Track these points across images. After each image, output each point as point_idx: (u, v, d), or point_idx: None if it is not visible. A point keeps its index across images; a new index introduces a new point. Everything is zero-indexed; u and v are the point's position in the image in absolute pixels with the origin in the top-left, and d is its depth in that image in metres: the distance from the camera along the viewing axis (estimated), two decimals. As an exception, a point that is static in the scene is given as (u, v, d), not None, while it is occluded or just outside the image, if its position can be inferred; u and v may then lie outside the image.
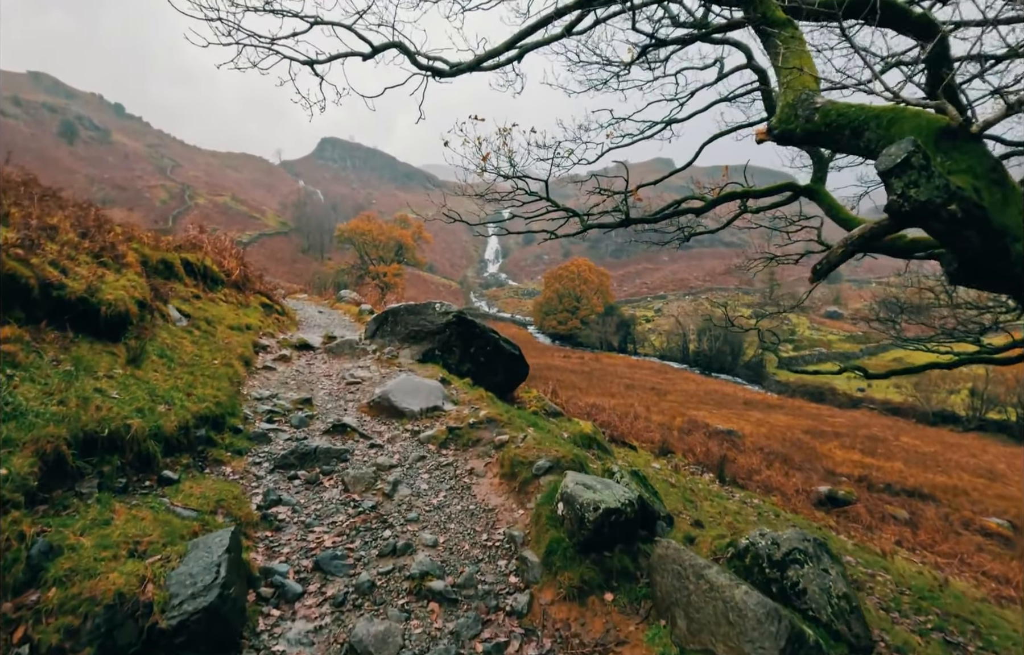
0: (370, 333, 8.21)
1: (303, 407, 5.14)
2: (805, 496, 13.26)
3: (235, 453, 3.85)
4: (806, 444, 25.89)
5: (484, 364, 7.80)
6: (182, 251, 7.80)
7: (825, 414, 39.10)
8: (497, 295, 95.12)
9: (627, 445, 8.62)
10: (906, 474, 21.27)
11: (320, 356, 7.50)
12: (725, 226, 7.54)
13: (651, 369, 52.91)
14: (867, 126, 1.89)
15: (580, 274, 66.26)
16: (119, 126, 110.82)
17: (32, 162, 70.08)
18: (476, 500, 3.54)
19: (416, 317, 7.85)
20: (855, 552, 5.73)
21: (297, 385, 5.93)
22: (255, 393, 5.24)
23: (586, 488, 2.66)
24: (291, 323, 9.68)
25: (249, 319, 7.75)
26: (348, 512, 3.33)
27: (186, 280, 7.42)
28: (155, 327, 5.15)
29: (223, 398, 4.27)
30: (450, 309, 7.78)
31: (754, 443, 23.84)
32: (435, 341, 7.67)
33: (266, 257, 79.22)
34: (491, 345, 7.82)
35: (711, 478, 8.58)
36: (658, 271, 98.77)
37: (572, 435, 5.85)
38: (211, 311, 6.85)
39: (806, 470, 20.02)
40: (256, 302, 8.94)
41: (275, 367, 6.51)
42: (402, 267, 60.81)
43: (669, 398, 35.56)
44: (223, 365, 5.16)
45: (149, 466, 3.00)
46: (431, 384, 5.44)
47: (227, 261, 8.82)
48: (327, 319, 11.61)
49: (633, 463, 7.09)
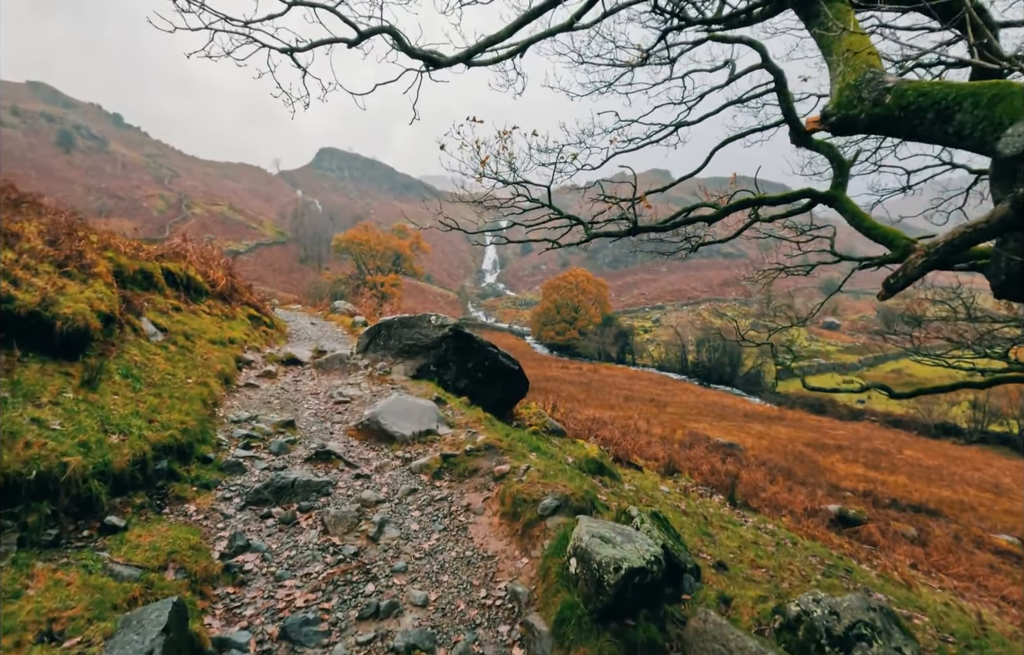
0: (362, 347, 7.78)
1: (285, 430, 4.70)
2: (815, 516, 12.82)
3: (202, 487, 3.41)
4: (808, 457, 25.49)
5: (482, 381, 7.37)
6: (164, 260, 7.39)
7: (826, 426, 38.76)
8: (495, 305, 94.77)
9: (632, 465, 8.18)
10: (911, 489, 20.88)
11: (308, 372, 7.06)
12: (735, 236, 7.16)
13: (650, 380, 52.55)
14: (958, 107, 1.52)
15: (578, 284, 66.04)
16: (117, 135, 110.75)
17: (29, 171, 69.70)
18: (473, 544, 3.10)
19: (410, 331, 7.43)
20: (884, 587, 5.29)
21: (280, 405, 5.49)
22: (233, 415, 4.80)
23: (603, 542, 2.23)
24: (280, 336, 9.25)
25: (234, 332, 7.32)
26: (326, 560, 2.89)
27: (167, 291, 7.00)
28: (124, 343, 4.72)
29: (192, 423, 3.83)
30: (446, 322, 7.37)
31: (756, 456, 23.42)
32: (430, 356, 7.25)
33: (263, 267, 78.74)
34: (489, 360, 7.40)
35: (721, 500, 8.13)
36: (656, 281, 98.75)
37: (578, 460, 5.41)
38: (191, 324, 6.42)
39: (810, 485, 19.59)
40: (243, 314, 8.51)
41: (258, 384, 6.07)
42: (399, 277, 60.46)
43: (669, 410, 35.18)
44: (197, 384, 4.72)
45: (91, 511, 2.56)
46: (425, 405, 5.01)
47: (213, 271, 8.40)
48: (319, 331, 11.18)
49: (641, 486, 6.65)
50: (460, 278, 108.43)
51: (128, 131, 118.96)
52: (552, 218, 6.21)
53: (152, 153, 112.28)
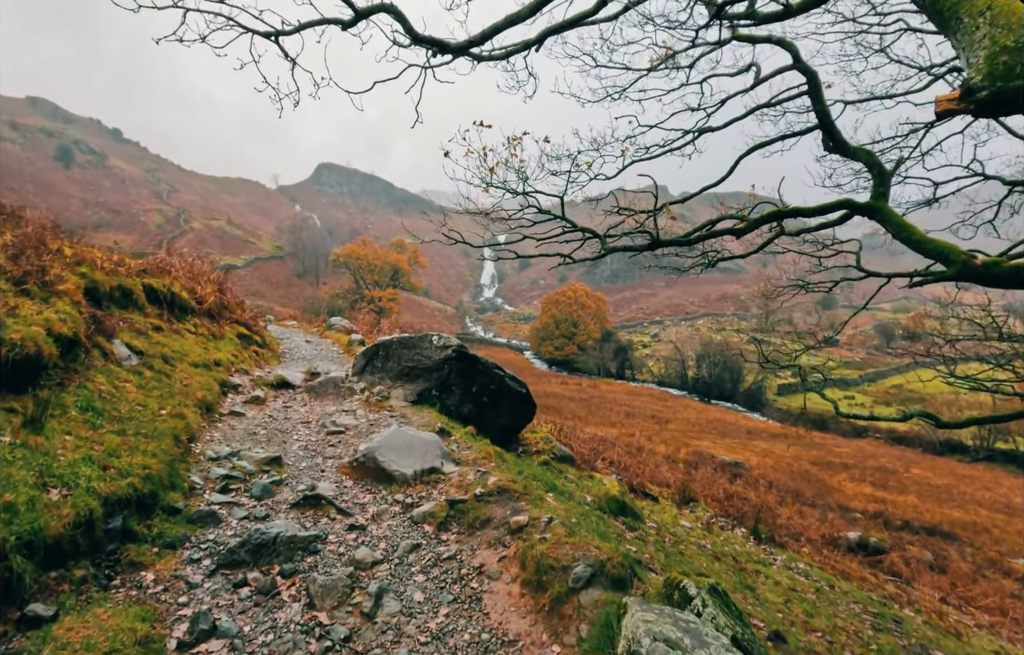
0: (358, 369, 7.25)
1: (270, 468, 4.15)
2: (834, 545, 12.24)
3: (165, 547, 2.86)
4: (815, 476, 24.92)
5: (488, 405, 6.84)
6: (146, 276, 6.88)
7: (830, 443, 38.25)
8: (493, 320, 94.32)
9: (647, 495, 7.63)
10: (922, 509, 20.32)
11: (300, 397, 6.52)
12: (757, 250, 6.69)
13: (650, 396, 52.02)
14: None
15: (577, 299, 65.72)
16: (116, 150, 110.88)
17: (27, 186, 69.55)
18: (490, 622, 2.56)
19: (410, 352, 6.92)
20: (938, 642, 4.74)
21: (267, 436, 4.94)
22: (212, 450, 4.25)
23: (670, 648, 1.72)
24: (272, 356, 8.71)
25: (220, 353, 6.78)
26: (311, 648, 2.34)
27: (148, 309, 6.48)
28: (89, 370, 4.19)
29: (159, 467, 3.29)
30: (449, 342, 6.85)
31: (762, 475, 22.84)
32: (432, 379, 6.72)
33: (261, 281, 78.23)
34: (495, 383, 6.88)
35: (744, 534, 7.57)
36: (654, 296, 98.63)
37: (597, 498, 4.87)
38: (173, 345, 5.89)
39: (820, 507, 19.00)
40: (232, 333, 7.98)
41: (244, 412, 5.52)
42: (397, 292, 60.03)
43: (671, 427, 34.63)
44: (172, 416, 4.18)
45: (10, 597, 2.02)
46: (427, 438, 4.47)
47: (201, 287, 7.89)
48: (314, 349, 10.65)
49: (661, 522, 6.10)
50: (458, 293, 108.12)
51: (127, 146, 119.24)
52: (565, 231, 5.75)
53: (151, 168, 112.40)
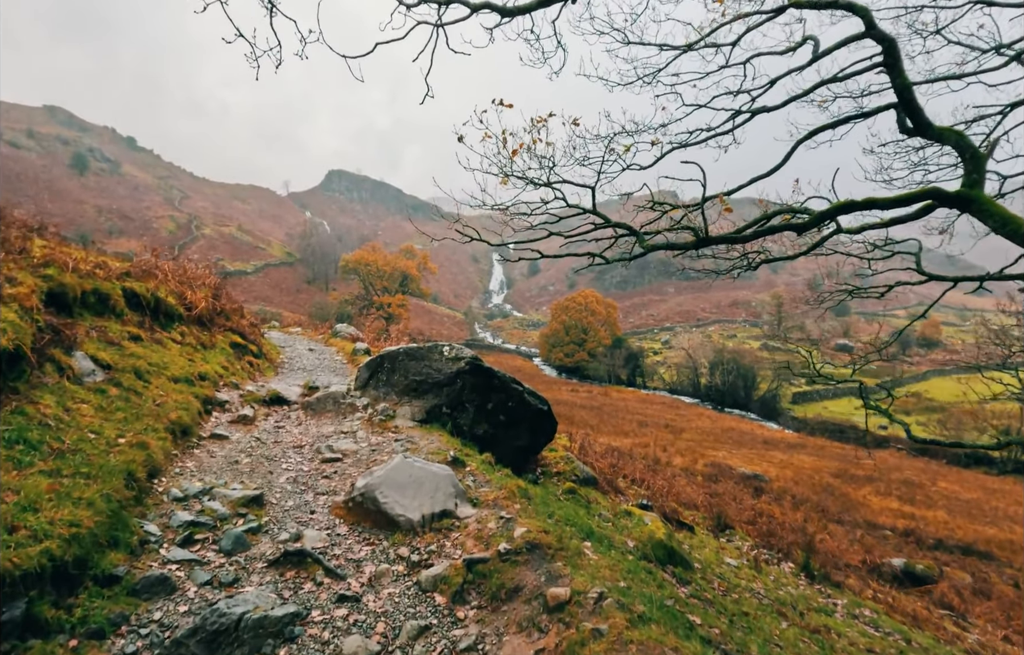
0: (361, 383, 6.53)
1: (248, 510, 3.42)
2: (878, 573, 11.27)
3: (89, 637, 2.13)
4: (838, 490, 23.84)
5: (505, 424, 6.08)
6: (128, 280, 6.23)
7: (851, 454, 37.01)
8: (502, 326, 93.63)
9: (682, 524, 6.79)
10: (953, 526, 19.20)
11: (295, 415, 5.80)
12: (807, 252, 5.85)
13: (662, 404, 50.96)
14: None
15: (587, 305, 64.82)
16: (130, 158, 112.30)
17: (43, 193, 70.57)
18: None
19: (418, 364, 6.17)
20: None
21: (251, 466, 4.21)
22: (179, 488, 3.52)
23: None
24: (269, 367, 8.03)
25: (207, 366, 6.09)
26: None
27: (128, 316, 5.81)
28: (35, 390, 3.49)
29: (94, 520, 2.56)
30: (462, 354, 6.10)
31: (782, 488, 21.83)
32: (442, 395, 5.97)
33: (271, 287, 78.36)
34: (514, 400, 6.11)
35: (792, 570, 6.70)
36: (664, 302, 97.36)
37: (640, 543, 4.08)
38: (151, 357, 5.21)
39: (847, 524, 17.96)
40: (224, 342, 7.31)
41: (228, 435, 4.81)
42: (406, 298, 59.62)
43: (685, 436, 33.67)
44: (132, 446, 3.47)
45: None
46: (438, 472, 3.71)
47: (192, 292, 7.23)
48: (316, 359, 9.96)
49: (707, 562, 5.28)
50: (467, 299, 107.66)
51: (141, 153, 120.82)
52: (598, 226, 4.99)
53: (164, 175, 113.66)
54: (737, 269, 6.09)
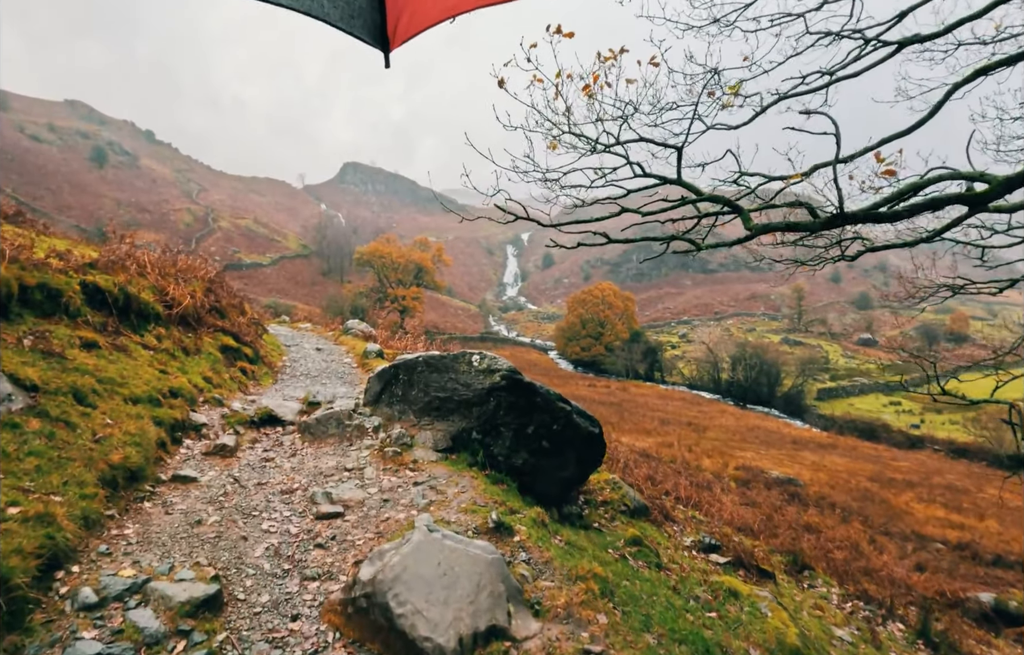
0: (372, 397, 5.36)
1: (196, 623, 2.25)
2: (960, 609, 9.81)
3: None
4: (877, 495, 22.20)
5: (548, 452, 4.85)
6: (92, 272, 5.13)
7: (886, 456, 35.13)
8: (516, 319, 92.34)
9: (763, 572, 5.50)
10: (1008, 538, 17.48)
11: (289, 440, 4.65)
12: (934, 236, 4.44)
13: (683, 400, 49.31)
14: None
15: (604, 299, 63.15)
16: (149, 151, 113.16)
17: (63, 186, 71.48)
18: None
19: (442, 376, 4.97)
20: None
21: (218, 528, 3.06)
22: (93, 586, 2.36)
23: None
24: (266, 373, 6.91)
25: (185, 377, 4.97)
26: None
27: (87, 315, 4.71)
28: None
29: None
30: (495, 365, 4.87)
31: (818, 493, 20.31)
32: (471, 416, 4.76)
33: (286, 280, 78.21)
34: (560, 422, 4.88)
35: (907, 635, 5.37)
36: (680, 295, 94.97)
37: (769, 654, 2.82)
38: (105, 371, 4.09)
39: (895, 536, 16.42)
40: (213, 345, 6.20)
41: (198, 475, 3.66)
42: (421, 290, 58.67)
43: (709, 435, 32.17)
44: (25, 522, 2.33)
45: None
46: (479, 555, 2.51)
47: (174, 287, 6.13)
48: (323, 360, 8.84)
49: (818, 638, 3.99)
50: (481, 291, 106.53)
51: (159, 147, 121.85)
52: (685, 202, 3.70)
53: (181, 168, 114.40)
54: (822, 261, 4.76)
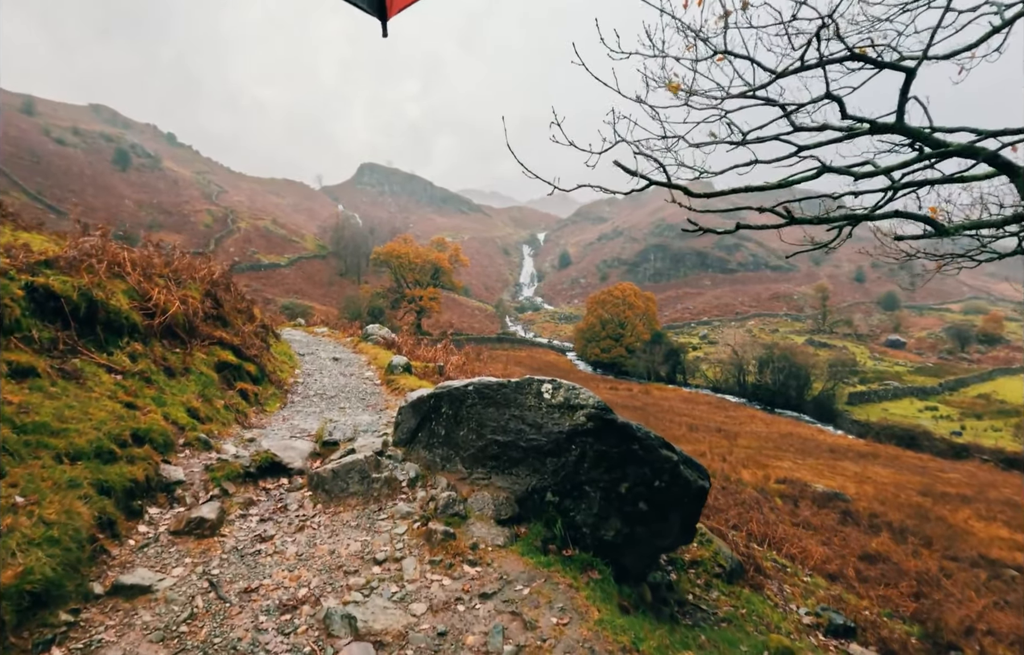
0: (406, 435, 4.07)
1: None
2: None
3: None
4: (931, 512, 20.18)
5: (647, 517, 3.49)
6: (45, 272, 3.95)
7: (932, 467, 32.75)
8: (533, 319, 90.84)
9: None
10: None
11: (295, 504, 3.38)
12: None
13: (708, 404, 47.28)
14: None
15: (625, 299, 61.26)
16: (170, 153, 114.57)
17: (87, 188, 72.60)
18: None
19: (500, 413, 3.64)
20: None
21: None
22: None
23: None
24: (272, 394, 5.67)
25: (159, 413, 3.74)
26: None
27: (32, 330, 3.51)
28: None
29: None
30: (577, 399, 3.52)
31: (868, 509, 18.46)
32: (545, 470, 3.44)
33: (304, 280, 78.03)
34: (664, 476, 3.51)
35: None
36: (700, 296, 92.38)
37: None
38: (38, 411, 2.87)
39: (962, 562, 14.57)
40: (207, 363, 4.99)
41: (151, 582, 2.39)
42: (438, 291, 57.65)
43: (741, 442, 30.29)
44: None
45: None
46: None
47: (159, 291, 4.92)
48: (341, 374, 7.59)
49: None
50: (497, 291, 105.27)
51: (180, 149, 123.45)
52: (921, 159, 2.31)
53: (202, 170, 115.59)
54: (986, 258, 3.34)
